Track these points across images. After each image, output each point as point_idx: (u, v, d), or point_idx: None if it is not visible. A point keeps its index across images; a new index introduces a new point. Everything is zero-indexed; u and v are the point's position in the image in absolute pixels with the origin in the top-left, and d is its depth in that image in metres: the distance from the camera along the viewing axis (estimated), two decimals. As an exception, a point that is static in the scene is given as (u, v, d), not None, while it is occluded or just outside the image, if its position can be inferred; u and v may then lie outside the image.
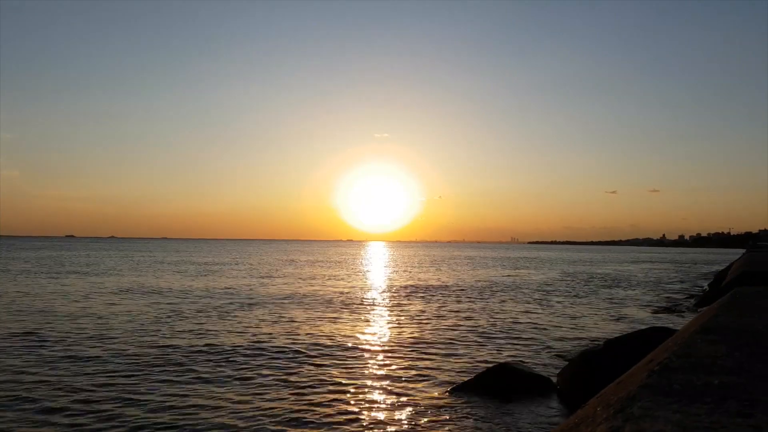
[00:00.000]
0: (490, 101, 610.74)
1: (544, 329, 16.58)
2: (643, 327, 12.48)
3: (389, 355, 12.62)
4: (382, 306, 22.17)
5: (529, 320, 18.50)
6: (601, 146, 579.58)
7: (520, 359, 12.18)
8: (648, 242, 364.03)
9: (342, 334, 15.27)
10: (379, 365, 11.58)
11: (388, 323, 17.48)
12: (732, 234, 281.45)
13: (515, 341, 14.49)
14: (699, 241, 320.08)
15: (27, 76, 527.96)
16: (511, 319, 18.59)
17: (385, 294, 27.34)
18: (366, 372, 10.97)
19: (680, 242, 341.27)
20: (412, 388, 9.74)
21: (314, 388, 9.70)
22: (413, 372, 10.93)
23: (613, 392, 3.70)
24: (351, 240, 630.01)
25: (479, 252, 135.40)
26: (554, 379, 10.08)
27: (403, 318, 18.63)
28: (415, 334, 15.28)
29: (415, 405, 8.79)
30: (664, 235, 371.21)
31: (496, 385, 9.45)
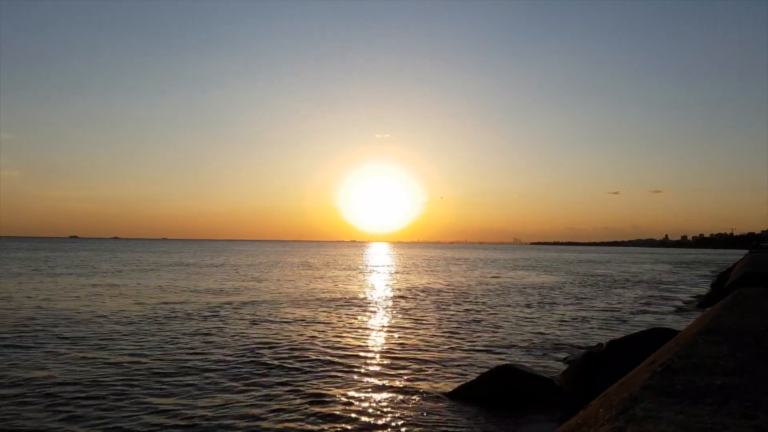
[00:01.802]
0: (491, 101, 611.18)
1: (546, 330, 16.56)
2: (646, 328, 12.45)
3: (389, 356, 12.61)
4: (382, 308, 22.15)
5: (531, 321, 18.48)
6: (603, 147, 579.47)
7: (522, 360, 12.17)
8: (650, 243, 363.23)
9: (340, 336, 15.27)
10: (378, 367, 11.57)
11: (388, 325, 17.46)
12: (735, 234, 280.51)
13: (517, 342, 14.47)
14: (701, 241, 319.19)
15: (27, 77, 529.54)
16: (513, 321, 18.57)
17: (385, 296, 27.32)
18: (365, 374, 10.95)
19: (683, 243, 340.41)
20: (413, 390, 9.73)
21: (312, 390, 9.69)
22: (414, 374, 10.92)
23: (615, 393, 3.70)
24: (354, 241, 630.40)
25: (481, 253, 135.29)
26: (556, 381, 10.07)
27: (403, 320, 18.61)
28: (416, 336, 15.27)
29: (416, 406, 8.78)
30: (666, 235, 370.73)
31: (497, 387, 9.44)
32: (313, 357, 12.25)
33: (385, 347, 13.64)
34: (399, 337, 14.99)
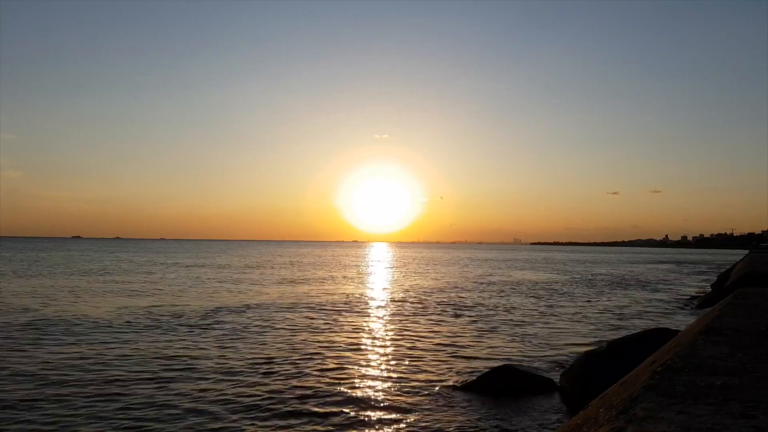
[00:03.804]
0: (490, 101, 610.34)
1: (547, 330, 16.55)
2: (646, 328, 12.46)
3: (391, 356, 12.61)
4: (384, 308, 22.15)
5: (531, 321, 18.47)
6: (603, 147, 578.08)
7: (523, 360, 12.16)
8: (650, 243, 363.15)
9: (342, 336, 15.27)
10: (380, 367, 11.56)
11: (390, 325, 17.46)
12: (735, 235, 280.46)
13: (517, 343, 14.47)
14: (702, 242, 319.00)
15: (29, 77, 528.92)
16: (512, 321, 18.56)
17: (387, 297, 27.32)
18: (368, 374, 10.95)
19: (683, 243, 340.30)
20: (415, 390, 9.73)
21: (314, 389, 9.70)
22: (415, 373, 10.92)
23: (615, 393, 3.70)
24: (356, 241, 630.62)
25: (482, 253, 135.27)
26: (557, 380, 10.07)
27: (404, 319, 18.60)
28: (418, 336, 15.26)
29: (418, 406, 8.78)
30: (666, 235, 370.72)
31: (498, 387, 9.45)
32: (318, 358, 12.24)
33: (385, 346, 13.63)
34: (399, 336, 14.98)
